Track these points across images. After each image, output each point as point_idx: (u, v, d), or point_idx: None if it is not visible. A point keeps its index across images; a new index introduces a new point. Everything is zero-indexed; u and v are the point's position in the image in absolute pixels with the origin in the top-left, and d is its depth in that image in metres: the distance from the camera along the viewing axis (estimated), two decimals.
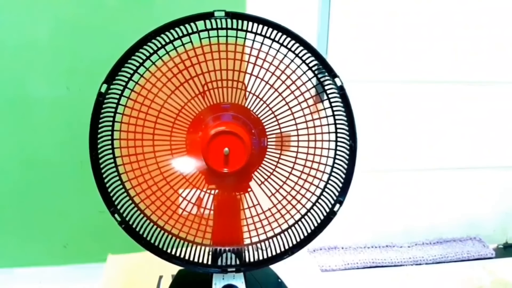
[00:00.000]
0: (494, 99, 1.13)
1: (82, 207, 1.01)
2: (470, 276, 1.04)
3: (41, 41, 0.91)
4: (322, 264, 1.08)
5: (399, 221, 1.19)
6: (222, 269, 0.65)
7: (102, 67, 0.58)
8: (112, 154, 0.61)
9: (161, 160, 0.61)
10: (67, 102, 0.94)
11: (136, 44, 0.57)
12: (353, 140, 0.61)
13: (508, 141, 1.18)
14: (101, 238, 1.03)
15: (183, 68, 0.59)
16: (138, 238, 0.63)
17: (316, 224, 0.64)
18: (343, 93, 0.59)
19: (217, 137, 0.58)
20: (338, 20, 1.00)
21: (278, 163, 0.63)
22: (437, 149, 1.15)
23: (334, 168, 0.63)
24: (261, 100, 0.61)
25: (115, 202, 0.61)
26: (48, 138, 0.97)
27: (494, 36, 1.08)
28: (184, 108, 0.60)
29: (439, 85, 1.10)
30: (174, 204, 0.63)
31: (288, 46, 0.59)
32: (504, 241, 1.26)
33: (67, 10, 0.90)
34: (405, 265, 1.10)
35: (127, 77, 0.59)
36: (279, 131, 0.62)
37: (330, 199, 0.64)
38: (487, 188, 1.21)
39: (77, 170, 0.98)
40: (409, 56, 1.06)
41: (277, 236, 0.65)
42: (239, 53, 0.58)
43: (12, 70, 0.92)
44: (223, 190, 0.64)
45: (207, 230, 0.65)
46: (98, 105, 0.58)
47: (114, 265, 0.97)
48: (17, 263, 1.03)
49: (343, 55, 1.03)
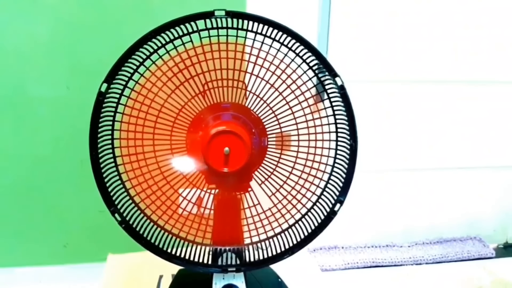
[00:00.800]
0: (494, 99, 1.13)
1: (82, 206, 1.01)
2: (470, 276, 1.04)
3: (41, 41, 0.91)
4: (322, 263, 1.08)
5: (399, 221, 1.19)
6: (222, 269, 0.65)
7: (102, 67, 0.58)
8: (112, 153, 0.61)
9: (161, 159, 0.61)
10: (67, 101, 0.94)
11: (137, 43, 0.57)
12: (353, 140, 0.61)
13: (508, 141, 1.17)
14: (101, 237, 1.03)
15: (183, 68, 0.58)
16: (138, 237, 0.63)
17: (316, 224, 0.64)
18: (343, 93, 0.59)
19: (217, 136, 0.58)
20: (338, 20, 1.00)
21: (278, 163, 0.63)
22: (437, 149, 1.15)
23: (334, 168, 0.63)
24: (262, 99, 0.61)
25: (115, 202, 0.61)
26: (48, 138, 0.97)
27: (494, 36, 1.08)
28: (184, 107, 0.60)
29: (439, 85, 1.10)
30: (174, 203, 0.63)
31: (288, 46, 0.59)
32: (504, 241, 1.26)
33: (67, 10, 0.90)
34: (405, 264, 1.10)
35: (127, 77, 0.59)
36: (279, 131, 0.62)
37: (331, 199, 0.63)
38: (487, 188, 1.21)
39: (77, 170, 0.98)
40: (409, 56, 1.06)
41: (277, 236, 0.65)
42: (240, 53, 0.58)
43: (12, 69, 0.91)
44: (223, 189, 0.64)
45: (207, 230, 0.65)
46: (98, 104, 0.58)
47: (114, 265, 0.97)
48: (17, 262, 1.03)
49: (343, 55, 1.03)
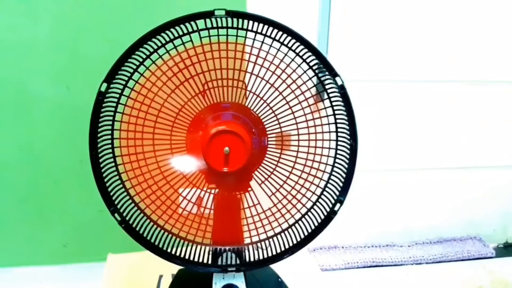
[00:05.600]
0: (494, 99, 1.13)
1: (82, 206, 1.01)
2: (470, 275, 1.04)
3: (41, 40, 0.90)
4: (322, 263, 1.07)
5: (399, 221, 1.19)
6: (222, 269, 0.65)
7: (102, 66, 0.58)
8: (112, 153, 0.61)
9: (161, 159, 0.61)
10: (67, 101, 0.94)
11: (136, 43, 0.57)
12: (353, 140, 0.61)
13: (508, 141, 1.17)
14: (101, 237, 1.03)
15: (183, 67, 0.58)
16: (138, 237, 0.63)
17: (316, 224, 0.64)
18: (343, 92, 0.59)
19: (217, 136, 0.58)
20: (338, 19, 0.99)
21: (278, 163, 0.63)
22: (437, 149, 1.15)
23: (334, 168, 0.63)
24: (262, 99, 0.60)
25: (115, 202, 0.61)
26: (47, 138, 0.96)
27: (494, 36, 1.08)
28: (184, 107, 0.60)
29: (440, 85, 1.10)
30: (174, 203, 0.63)
31: (288, 45, 0.59)
32: (504, 241, 1.26)
33: (67, 9, 0.89)
34: (405, 264, 1.10)
35: (127, 76, 0.58)
36: (279, 131, 0.62)
37: (331, 199, 0.63)
38: (487, 188, 1.21)
39: (76, 170, 0.98)
40: (409, 55, 1.06)
41: (277, 236, 0.65)
42: (240, 52, 0.58)
43: (11, 69, 0.91)
44: (223, 189, 0.64)
45: (207, 230, 0.65)
46: (98, 104, 0.58)
47: (114, 265, 0.97)
48: (17, 262, 1.03)
49: (343, 54, 1.03)
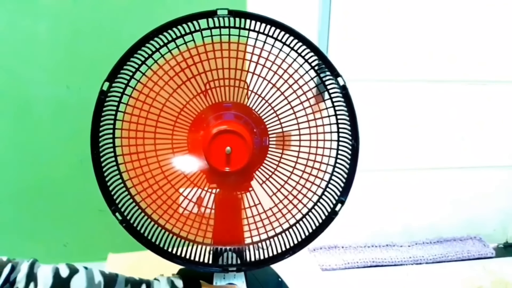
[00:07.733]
0: (494, 99, 1.13)
1: (82, 205, 1.01)
2: (470, 275, 1.04)
3: (41, 40, 0.90)
4: (323, 263, 1.07)
5: (399, 221, 1.19)
6: (223, 269, 0.65)
7: (102, 66, 0.58)
8: (113, 152, 0.61)
9: (163, 158, 0.61)
10: (67, 101, 0.94)
11: (139, 42, 0.56)
12: (355, 140, 0.61)
13: (508, 141, 1.17)
14: (101, 237, 1.03)
15: (185, 67, 0.58)
16: (139, 237, 0.63)
17: (317, 224, 0.64)
18: (345, 93, 0.59)
19: (218, 136, 0.58)
20: (338, 19, 0.99)
21: (279, 163, 0.63)
22: (437, 149, 1.15)
23: (336, 168, 0.63)
24: (263, 99, 0.60)
25: (116, 201, 0.61)
26: (48, 137, 0.96)
27: (494, 36, 1.08)
28: (186, 106, 0.60)
29: (440, 85, 1.10)
30: (175, 203, 0.63)
31: (290, 45, 0.59)
32: (504, 241, 1.26)
33: (67, 8, 0.89)
34: (405, 264, 1.10)
35: (129, 75, 0.58)
36: (281, 130, 0.62)
37: (332, 199, 0.63)
38: (487, 188, 1.21)
39: (77, 169, 0.97)
40: (410, 55, 1.06)
41: (278, 236, 0.65)
42: (242, 52, 0.58)
43: (11, 69, 0.91)
44: (224, 189, 0.64)
45: (208, 229, 0.65)
46: (99, 103, 0.57)
47: (114, 264, 0.97)
48: None
49: (344, 54, 1.03)
